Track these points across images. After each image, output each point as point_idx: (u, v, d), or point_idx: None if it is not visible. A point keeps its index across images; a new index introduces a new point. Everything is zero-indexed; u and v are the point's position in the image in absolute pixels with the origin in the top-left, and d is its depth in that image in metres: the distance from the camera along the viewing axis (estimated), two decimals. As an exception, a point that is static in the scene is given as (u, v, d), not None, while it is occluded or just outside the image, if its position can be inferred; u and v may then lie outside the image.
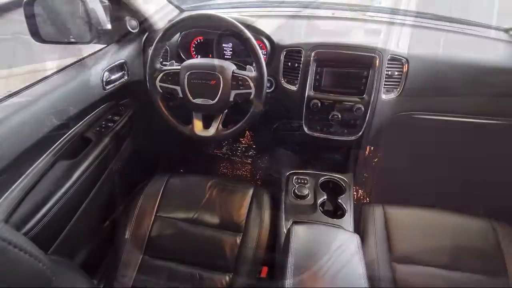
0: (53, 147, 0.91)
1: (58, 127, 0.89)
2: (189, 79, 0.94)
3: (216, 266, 0.95)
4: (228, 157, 1.99)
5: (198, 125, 1.01)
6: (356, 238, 0.73)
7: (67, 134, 0.96)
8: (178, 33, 1.13)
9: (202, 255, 0.97)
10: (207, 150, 2.01)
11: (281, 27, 1.15)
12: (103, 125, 1.10)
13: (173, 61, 1.01)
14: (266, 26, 1.10)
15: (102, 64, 1.04)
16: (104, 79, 1.04)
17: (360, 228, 1.00)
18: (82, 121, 1.02)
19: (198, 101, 0.96)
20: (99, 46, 1.12)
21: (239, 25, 0.88)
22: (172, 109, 1.03)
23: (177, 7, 1.36)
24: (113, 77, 1.08)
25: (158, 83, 0.98)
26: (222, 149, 2.02)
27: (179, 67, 0.96)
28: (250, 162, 1.96)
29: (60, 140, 0.95)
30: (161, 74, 0.97)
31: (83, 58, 1.03)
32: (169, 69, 0.97)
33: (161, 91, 0.99)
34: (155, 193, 1.10)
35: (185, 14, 1.29)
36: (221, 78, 0.92)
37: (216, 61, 0.95)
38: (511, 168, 1.22)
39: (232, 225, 1.02)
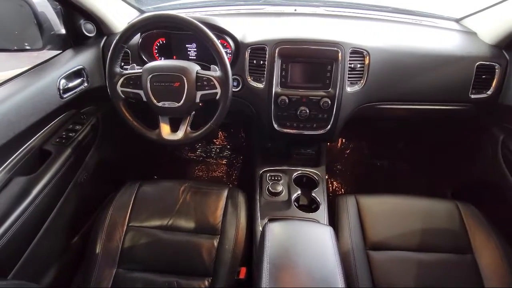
0: (6, 163, 0.85)
1: (11, 141, 0.83)
2: (151, 82, 0.91)
3: (194, 272, 0.93)
4: (203, 160, 1.96)
5: (165, 129, 0.98)
6: (329, 230, 0.74)
7: (22, 148, 0.90)
8: (139, 35, 1.09)
9: (179, 262, 0.95)
10: (180, 154, 1.97)
11: (244, 25, 1.14)
12: (64, 136, 1.04)
13: (134, 64, 0.97)
14: (229, 24, 1.08)
15: (58, 71, 0.98)
16: (61, 87, 0.98)
17: (334, 220, 1.02)
18: (39, 133, 0.96)
19: (163, 104, 0.93)
20: (54, 53, 1.06)
21: (200, 24, 0.86)
22: (138, 114, 0.99)
23: (136, 8, 1.32)
24: (71, 84, 1.03)
25: (119, 88, 0.94)
26: (196, 151, 1.99)
27: (140, 70, 0.93)
28: (226, 162, 1.95)
29: (15, 155, 0.88)
30: (122, 79, 0.93)
31: (36, 66, 0.97)
32: (130, 73, 0.93)
33: (123, 96, 0.95)
34: (126, 203, 1.06)
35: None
36: (185, 80, 0.90)
37: (178, 62, 0.92)
38: (467, 151, 1.29)
39: (208, 228, 1.00)
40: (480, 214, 0.99)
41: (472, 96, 1.07)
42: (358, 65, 1.02)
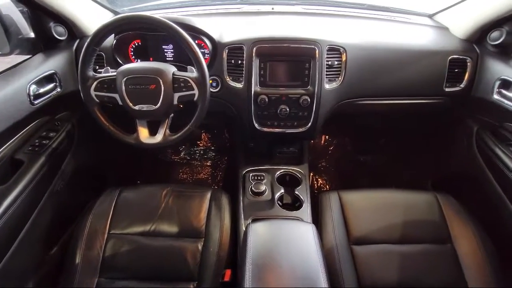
0: None
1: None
2: (126, 85, 0.89)
3: (179, 277, 0.91)
4: (187, 162, 1.93)
5: (143, 133, 0.96)
6: (312, 228, 0.74)
7: None
8: (113, 37, 1.06)
9: (163, 267, 0.93)
10: (164, 158, 1.94)
11: (221, 25, 1.13)
12: (37, 144, 1.00)
13: (108, 67, 0.94)
14: (205, 24, 1.07)
15: (27, 77, 0.94)
16: (31, 93, 0.94)
17: (318, 217, 1.02)
18: (9, 142, 0.92)
19: (140, 107, 0.91)
20: (23, 57, 1.02)
21: (174, 25, 0.85)
22: (115, 118, 0.97)
23: (110, 10, 1.28)
24: (42, 90, 0.99)
25: (93, 92, 0.91)
26: (180, 154, 1.97)
27: (114, 74, 0.90)
28: (210, 164, 1.93)
29: None
30: (95, 83, 0.90)
31: (3, 72, 0.93)
32: (104, 76, 0.90)
33: (97, 100, 0.92)
34: (106, 210, 1.03)
35: (120, 17, 1.21)
36: (161, 82, 0.88)
37: (154, 64, 0.90)
38: (444, 144, 1.33)
39: (192, 231, 0.99)
40: (458, 204, 1.01)
41: (447, 90, 1.10)
42: (336, 62, 1.03)
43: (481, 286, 0.83)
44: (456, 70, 1.08)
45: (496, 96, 1.01)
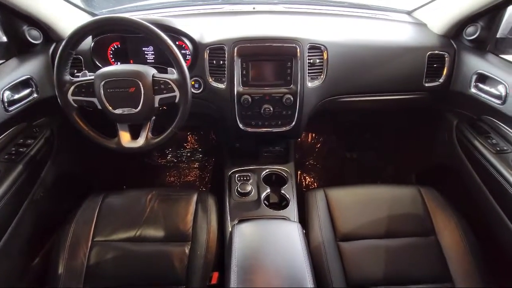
0: None
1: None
2: (105, 88, 0.87)
3: (166, 282, 0.90)
4: (174, 165, 1.91)
5: (125, 137, 0.94)
6: (297, 227, 0.75)
7: None
8: (90, 40, 1.04)
9: (150, 273, 0.91)
10: (150, 161, 1.91)
11: (202, 25, 1.12)
12: (13, 152, 0.97)
13: (86, 71, 0.92)
14: (186, 25, 1.06)
15: (0, 83, 0.91)
16: (5, 99, 0.91)
17: (305, 215, 1.02)
18: None
19: (120, 111, 0.89)
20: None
21: (151, 26, 0.83)
22: (97, 122, 0.95)
23: (88, 12, 1.25)
24: (17, 96, 0.95)
25: (70, 97, 0.88)
26: (167, 157, 1.94)
27: (92, 77, 0.88)
28: (198, 166, 1.91)
29: None
30: (72, 87, 0.88)
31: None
32: (81, 80, 0.88)
33: (75, 105, 0.90)
34: (89, 217, 1.01)
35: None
36: (140, 84, 0.86)
37: (133, 67, 0.89)
38: (426, 138, 1.35)
39: (179, 235, 0.97)
40: (440, 197, 1.03)
41: (426, 85, 1.12)
42: (317, 60, 1.03)
43: (464, 276, 0.85)
44: (434, 65, 1.10)
45: (473, 90, 1.03)
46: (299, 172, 1.83)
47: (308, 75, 1.04)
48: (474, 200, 1.03)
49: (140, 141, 0.94)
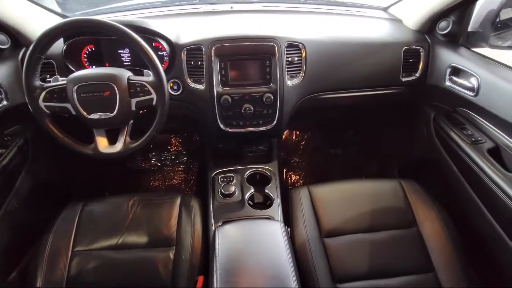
0: None
1: None
2: (78, 93, 0.84)
3: None
4: (158, 168, 1.88)
5: (102, 142, 0.92)
6: (280, 226, 0.74)
7: None
8: (62, 43, 1.00)
9: (134, 280, 0.89)
10: (134, 166, 1.87)
11: (179, 26, 1.11)
12: None
13: (58, 76, 0.89)
14: (162, 26, 1.04)
15: None
16: (-28, 108, 0.87)
17: (289, 213, 1.02)
18: None
19: (96, 116, 0.87)
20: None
21: (124, 28, 0.81)
22: (73, 128, 0.92)
23: (59, 14, 1.21)
24: (-16, 104, 0.91)
25: (42, 103, 0.85)
26: (151, 161, 1.91)
27: (64, 82, 0.85)
28: (183, 168, 1.89)
29: None
30: (43, 93, 0.85)
31: None
32: (53, 86, 0.85)
33: (48, 111, 0.87)
34: (68, 226, 0.98)
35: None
36: (115, 88, 0.84)
37: (106, 70, 0.86)
38: (407, 132, 1.38)
39: (163, 240, 0.95)
40: (421, 189, 1.05)
41: (403, 79, 1.14)
42: (296, 58, 1.03)
43: (445, 266, 0.87)
44: (410, 60, 1.12)
45: (448, 83, 1.06)
46: (284, 170, 1.83)
47: (287, 73, 1.04)
48: (454, 191, 1.05)
49: (118, 146, 0.91)
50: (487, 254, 0.95)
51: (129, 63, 1.09)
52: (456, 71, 1.04)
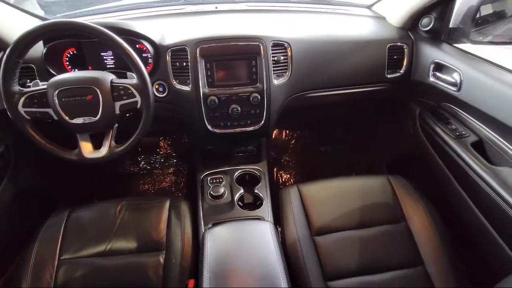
0: None
1: None
2: (59, 98, 0.82)
3: None
4: (148, 172, 1.86)
5: (86, 147, 0.90)
6: (269, 226, 0.74)
7: None
8: (42, 47, 0.98)
9: (124, 287, 0.88)
10: (123, 170, 1.84)
11: (163, 27, 1.09)
12: None
13: (38, 80, 0.86)
14: (145, 28, 1.02)
15: None
16: None
17: (279, 212, 1.02)
18: None
19: (79, 120, 0.85)
20: None
21: (104, 30, 0.79)
22: (57, 134, 0.89)
23: (39, 17, 1.18)
24: (-39, 111, 0.88)
25: (21, 109, 0.83)
26: (140, 164, 1.88)
27: (45, 87, 0.83)
28: (173, 171, 1.87)
29: None
30: (23, 98, 0.82)
31: None
32: (32, 91, 0.83)
33: (28, 117, 0.84)
34: (54, 234, 0.95)
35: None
36: (98, 91, 0.82)
37: (88, 73, 0.85)
38: (394, 128, 1.39)
39: (153, 244, 0.94)
40: (408, 184, 1.06)
41: (388, 76, 1.15)
42: (282, 58, 1.03)
43: (434, 259, 0.88)
44: (395, 57, 1.13)
45: (432, 79, 1.07)
46: (275, 169, 1.83)
47: (274, 73, 1.04)
48: (440, 185, 1.07)
49: (103, 151, 0.90)
50: (474, 246, 0.96)
51: (113, 66, 1.07)
52: (439, 67, 1.05)
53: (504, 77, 0.86)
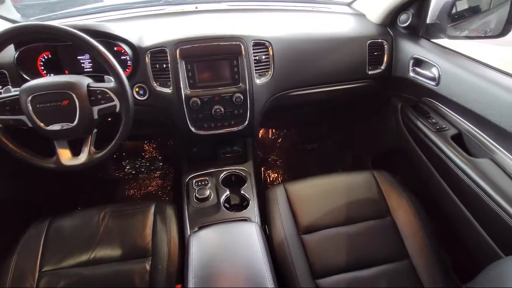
0: None
1: None
2: (33, 104, 0.79)
3: None
4: (133, 177, 1.82)
5: (64, 154, 0.87)
6: (255, 227, 0.73)
7: None
8: (13, 51, 0.94)
9: None
10: (107, 176, 1.80)
11: (141, 28, 1.07)
12: None
13: (9, 86, 0.83)
14: (123, 29, 1.00)
15: None
16: None
17: (267, 212, 1.02)
18: None
19: (55, 127, 0.82)
20: None
21: (78, 32, 0.77)
22: (33, 141, 0.86)
23: (9, 20, 1.14)
24: None
25: None
26: (125, 169, 1.85)
27: (17, 93, 0.80)
28: (159, 175, 1.84)
29: None
30: None
31: None
32: (4, 97, 0.79)
33: (0, 125, 0.81)
34: (34, 245, 0.92)
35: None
36: (74, 96, 0.80)
37: (63, 78, 0.82)
38: (377, 123, 1.41)
39: (138, 251, 0.92)
40: (392, 178, 1.08)
41: (370, 72, 1.16)
42: (263, 57, 1.03)
43: (419, 252, 0.90)
44: (375, 53, 1.14)
45: (412, 74, 1.09)
46: (263, 169, 1.83)
47: (256, 72, 1.03)
48: (423, 178, 1.09)
49: (82, 157, 0.87)
50: (457, 237, 0.98)
51: (91, 70, 1.04)
52: (418, 62, 1.07)
53: (480, 71, 0.88)
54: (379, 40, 1.14)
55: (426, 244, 0.91)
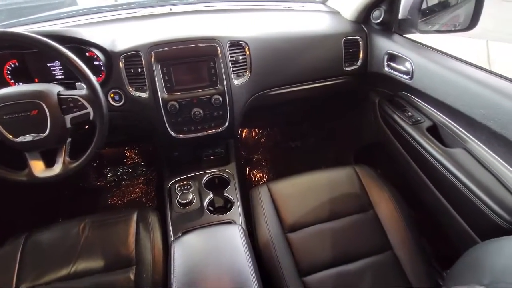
0: None
1: None
2: None
3: None
4: (115, 184, 1.77)
5: (37, 166, 0.83)
6: (238, 229, 0.73)
7: None
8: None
9: None
10: (87, 185, 1.75)
11: (113, 33, 1.04)
12: None
13: None
14: (94, 34, 0.97)
15: None
16: None
17: (251, 213, 1.01)
18: None
19: (25, 138, 0.79)
20: None
21: (44, 39, 0.74)
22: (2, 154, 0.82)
23: (-26, 28, 1.08)
24: None
25: None
26: (106, 177, 1.80)
27: None
28: (142, 181, 1.80)
29: None
30: None
31: None
32: None
33: None
34: (10, 262, 0.89)
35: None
36: (44, 105, 0.77)
37: (30, 87, 0.78)
38: (357, 119, 1.43)
39: (122, 260, 0.90)
40: (373, 172, 1.10)
41: (346, 69, 1.18)
42: (240, 57, 1.02)
43: (402, 243, 0.92)
44: (351, 50, 1.16)
45: (387, 69, 1.11)
46: (247, 169, 1.82)
47: (234, 73, 1.02)
48: (402, 170, 1.11)
49: (57, 168, 0.84)
50: (437, 226, 1.01)
51: (62, 77, 1.00)
52: (393, 57, 1.09)
53: (450, 64, 0.91)
54: (354, 37, 1.15)
55: (408, 235, 0.93)
